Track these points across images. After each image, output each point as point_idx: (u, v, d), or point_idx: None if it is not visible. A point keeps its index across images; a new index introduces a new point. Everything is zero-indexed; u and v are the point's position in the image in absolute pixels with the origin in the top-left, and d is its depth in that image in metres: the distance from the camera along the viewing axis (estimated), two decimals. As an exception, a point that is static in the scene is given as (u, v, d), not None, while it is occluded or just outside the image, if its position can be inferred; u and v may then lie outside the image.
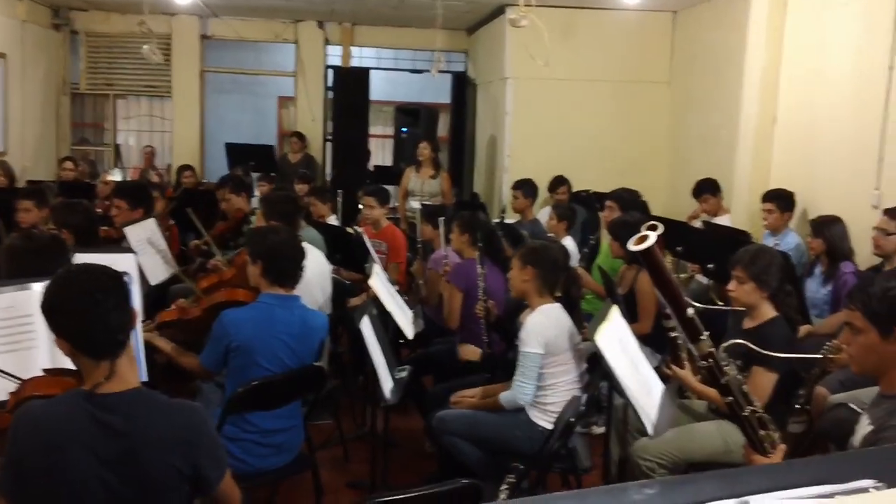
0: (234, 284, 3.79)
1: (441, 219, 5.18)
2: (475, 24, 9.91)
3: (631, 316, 4.76)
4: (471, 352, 3.96)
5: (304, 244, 4.39)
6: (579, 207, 6.95)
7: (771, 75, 6.49)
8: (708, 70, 7.51)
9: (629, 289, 4.96)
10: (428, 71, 8.37)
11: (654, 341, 4.48)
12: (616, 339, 2.84)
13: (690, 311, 2.20)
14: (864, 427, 2.33)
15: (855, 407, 3.10)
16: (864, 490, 0.80)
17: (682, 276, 5.85)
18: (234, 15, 10.15)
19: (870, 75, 5.45)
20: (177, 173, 9.02)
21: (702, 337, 2.19)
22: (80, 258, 2.84)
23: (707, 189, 6.50)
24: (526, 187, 6.98)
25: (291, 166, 9.43)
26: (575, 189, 7.78)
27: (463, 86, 10.36)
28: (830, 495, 0.79)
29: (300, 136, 9.95)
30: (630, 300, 4.85)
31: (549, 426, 3.49)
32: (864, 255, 4.75)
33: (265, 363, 3.16)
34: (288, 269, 3.30)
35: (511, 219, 7.19)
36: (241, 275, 3.72)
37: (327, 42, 10.54)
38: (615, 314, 2.97)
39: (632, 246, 2.08)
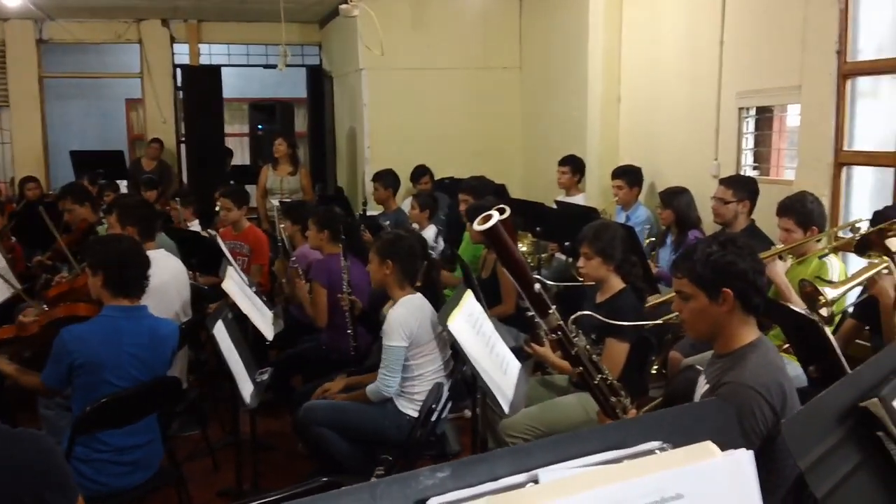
0: (78, 297, 3.60)
1: (282, 226, 5.33)
2: (326, 17, 9.78)
3: (496, 298, 4.86)
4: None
5: (161, 250, 4.25)
6: (442, 195, 6.99)
7: (613, 56, 6.73)
8: (556, 53, 7.68)
9: (491, 272, 5.05)
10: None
11: (519, 321, 4.58)
12: (469, 323, 2.87)
13: (537, 286, 2.26)
14: (701, 387, 2.44)
15: (700, 368, 3.25)
16: (651, 452, 0.83)
17: (544, 255, 6.00)
18: (71, 17, 9.66)
19: (702, 51, 5.73)
20: (19, 186, 8.49)
21: (549, 311, 2.26)
22: None
23: (566, 162, 6.61)
24: (385, 178, 6.97)
25: (145, 172, 9.04)
26: (438, 177, 7.83)
27: (319, 79, 10.23)
28: (618, 460, 0.81)
29: (160, 143, 9.56)
30: (493, 283, 4.93)
31: (416, 414, 3.50)
32: (711, 223, 4.99)
33: (114, 379, 3.00)
34: (131, 279, 3.14)
35: (375, 210, 7.17)
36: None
37: (173, 40, 10.18)
38: (468, 298, 3.01)
39: (476, 226, 2.14)
